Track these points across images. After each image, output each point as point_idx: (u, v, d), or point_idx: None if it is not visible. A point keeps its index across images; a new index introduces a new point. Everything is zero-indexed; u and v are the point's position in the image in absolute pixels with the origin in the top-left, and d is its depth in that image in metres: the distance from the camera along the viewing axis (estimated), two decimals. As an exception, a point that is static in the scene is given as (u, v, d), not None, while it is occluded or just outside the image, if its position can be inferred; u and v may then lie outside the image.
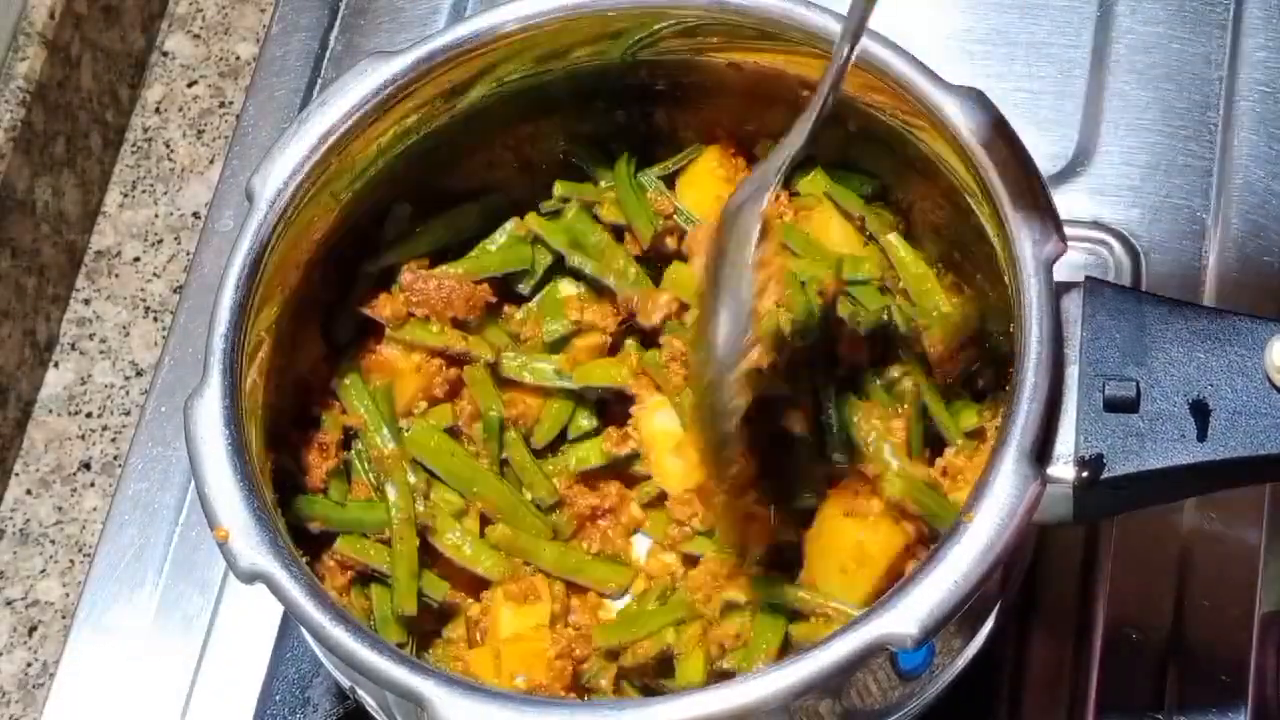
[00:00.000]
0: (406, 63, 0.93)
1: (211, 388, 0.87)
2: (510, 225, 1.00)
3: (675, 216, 0.99)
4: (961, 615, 0.81)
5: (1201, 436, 0.84)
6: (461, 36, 0.94)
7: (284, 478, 0.94)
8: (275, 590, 0.84)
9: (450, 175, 1.00)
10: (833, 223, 0.98)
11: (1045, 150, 1.14)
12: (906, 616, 0.79)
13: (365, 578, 0.94)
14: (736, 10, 0.92)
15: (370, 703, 0.91)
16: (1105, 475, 0.84)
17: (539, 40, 0.94)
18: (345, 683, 0.92)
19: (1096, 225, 1.14)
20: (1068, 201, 1.11)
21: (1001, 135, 0.88)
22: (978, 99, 0.89)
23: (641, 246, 0.99)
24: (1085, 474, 0.84)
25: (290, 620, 1.04)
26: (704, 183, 0.99)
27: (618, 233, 0.99)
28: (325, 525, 0.94)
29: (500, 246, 1.00)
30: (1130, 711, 1.01)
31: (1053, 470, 0.84)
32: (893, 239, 0.97)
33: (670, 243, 0.99)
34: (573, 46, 0.96)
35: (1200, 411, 0.84)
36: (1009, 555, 0.82)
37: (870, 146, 0.97)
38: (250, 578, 0.84)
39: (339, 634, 0.83)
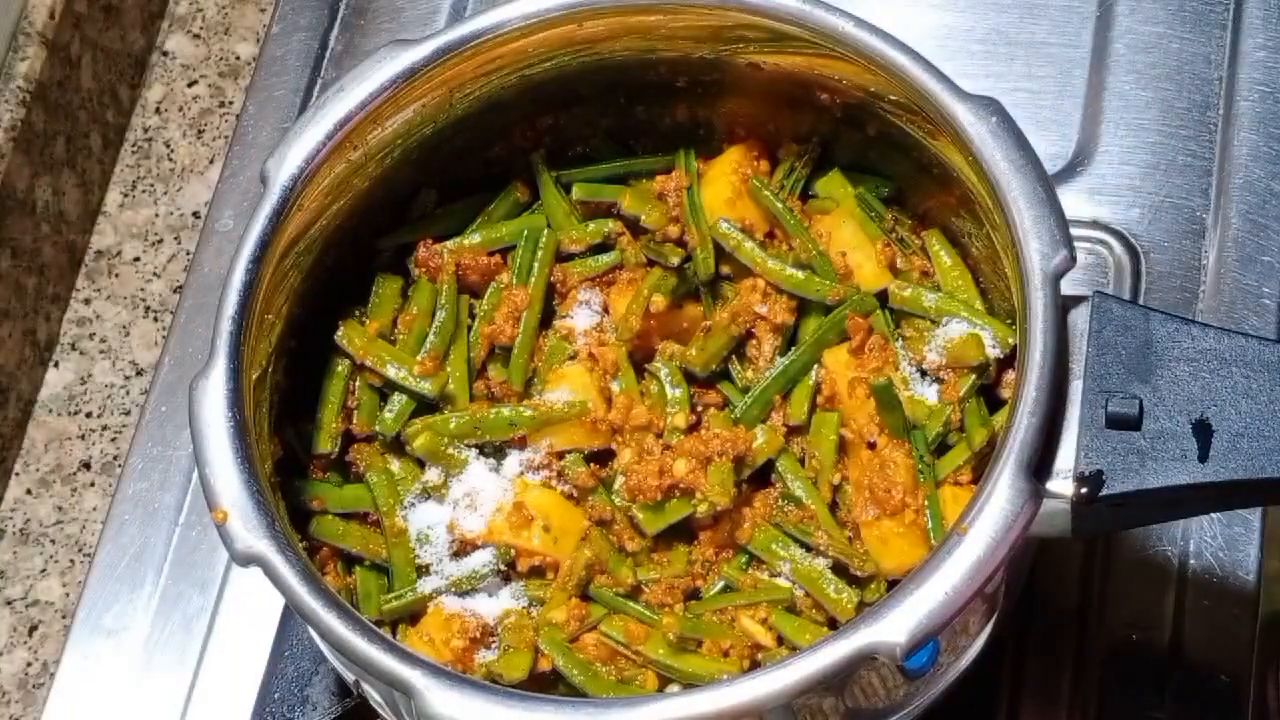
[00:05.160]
0: (426, 52, 0.94)
1: (217, 369, 0.88)
2: (513, 193, 1.02)
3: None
4: (963, 619, 0.81)
5: (1203, 457, 0.83)
6: (481, 28, 0.94)
7: (289, 458, 0.95)
8: (270, 574, 0.84)
9: (469, 165, 1.01)
10: (845, 227, 0.98)
11: (1045, 150, 1.13)
12: (896, 626, 0.79)
13: (349, 558, 0.95)
14: (753, 10, 0.92)
15: (375, 697, 0.91)
16: (1104, 493, 0.83)
17: (557, 33, 0.95)
18: (349, 676, 0.92)
19: (1096, 225, 1.14)
20: (1068, 201, 1.10)
21: (1016, 146, 0.88)
22: (994, 109, 0.89)
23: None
24: (1084, 490, 0.83)
25: (290, 619, 1.04)
26: (720, 182, 0.99)
27: (634, 227, 1.00)
28: (324, 505, 0.95)
29: (507, 217, 1.01)
30: (1130, 711, 1.01)
31: (1051, 485, 0.84)
32: (934, 240, 0.97)
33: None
34: (593, 41, 0.96)
35: (1203, 431, 0.84)
36: (1003, 568, 0.82)
37: (888, 151, 0.97)
38: (246, 560, 0.84)
39: (331, 620, 0.83)
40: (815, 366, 0.95)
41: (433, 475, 0.94)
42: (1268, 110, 1.15)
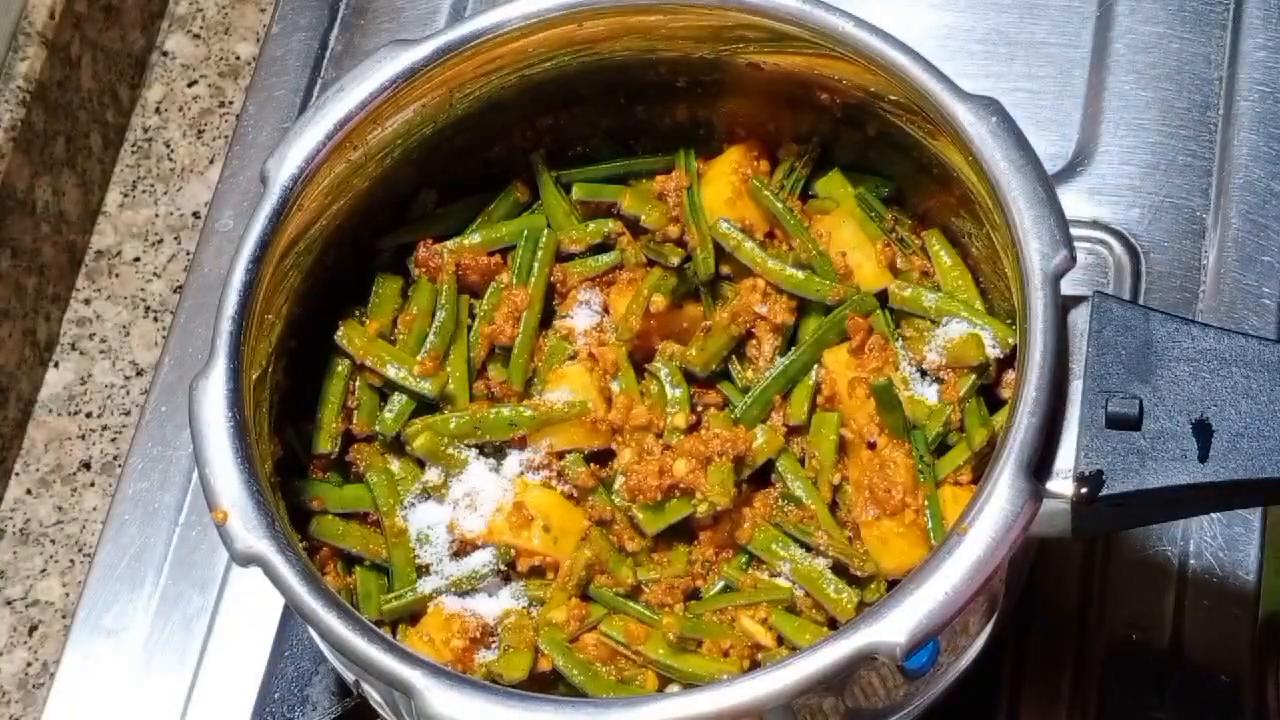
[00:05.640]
0: (426, 52, 0.94)
1: (217, 369, 0.88)
2: (513, 193, 1.02)
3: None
4: (963, 619, 0.81)
5: (1203, 457, 0.83)
6: (481, 28, 0.94)
7: (289, 458, 0.95)
8: (270, 574, 0.84)
9: (469, 165, 1.01)
10: (846, 227, 0.98)
11: (1045, 150, 1.13)
12: (896, 626, 0.79)
13: (350, 558, 0.95)
14: (753, 10, 0.92)
15: (375, 697, 0.91)
16: (1104, 493, 0.83)
17: (557, 33, 0.95)
18: (349, 676, 0.92)
19: (1096, 225, 1.14)
20: (1068, 201, 1.10)
21: (1016, 146, 0.88)
22: (994, 109, 0.89)
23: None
24: (1084, 490, 0.83)
25: (290, 619, 1.04)
26: (720, 182, 0.99)
27: (634, 227, 1.00)
28: (324, 505, 0.95)
29: (507, 217, 1.01)
30: (1130, 711, 1.01)
31: (1051, 485, 0.84)
32: (934, 240, 0.97)
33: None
34: (593, 41, 0.96)
35: (1203, 431, 0.83)
36: (1003, 568, 0.82)
37: (888, 151, 0.97)
38: (246, 560, 0.84)
39: (331, 620, 0.83)
40: (815, 366, 0.95)
41: (433, 475, 0.94)
42: (1268, 110, 1.15)
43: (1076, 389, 0.85)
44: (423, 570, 0.93)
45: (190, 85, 1.28)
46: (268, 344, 0.92)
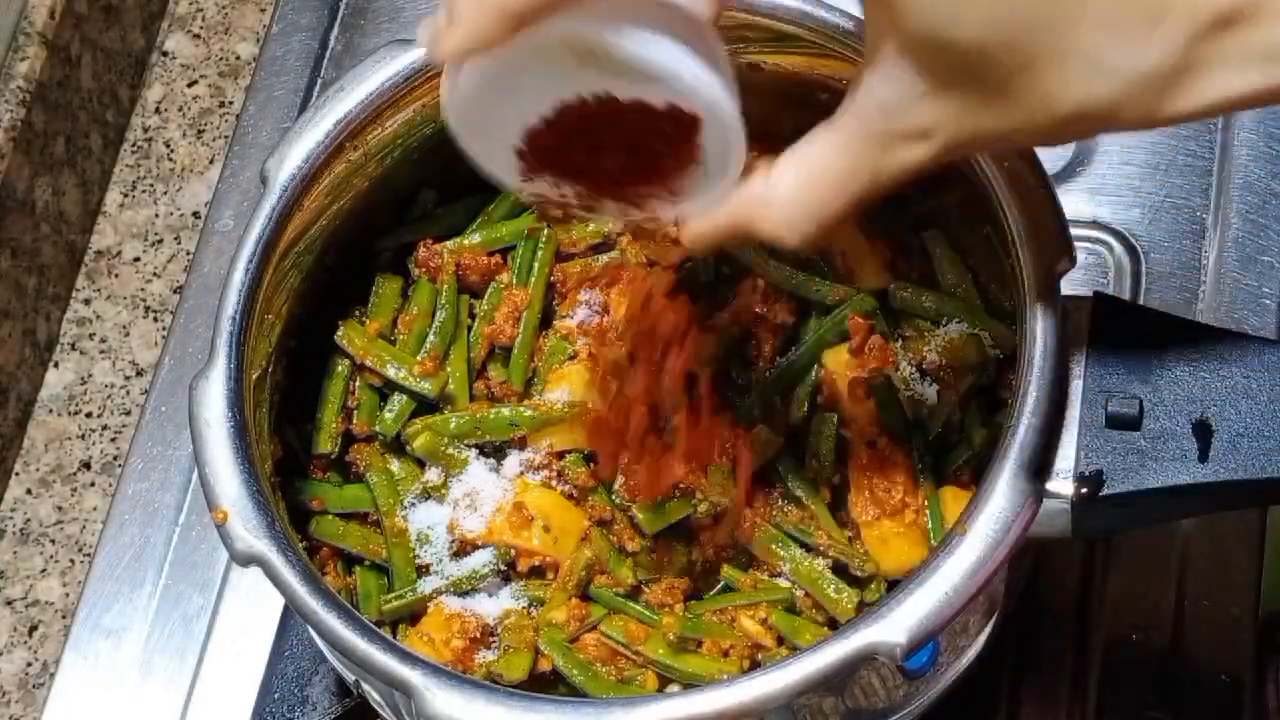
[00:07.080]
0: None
1: (217, 369, 0.88)
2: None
3: None
4: (963, 619, 0.81)
5: (1203, 457, 0.83)
6: None
7: (289, 458, 0.95)
8: (270, 574, 0.84)
9: (469, 165, 1.00)
10: (845, 227, 0.98)
11: (1045, 150, 1.13)
12: (896, 626, 0.79)
13: (350, 558, 0.95)
14: (754, 10, 0.92)
15: (375, 697, 0.91)
16: (1104, 493, 0.83)
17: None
18: (349, 676, 0.92)
19: (1096, 225, 1.14)
20: (1068, 201, 1.10)
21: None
22: None
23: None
24: (1084, 490, 0.83)
25: (290, 619, 1.04)
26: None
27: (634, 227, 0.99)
28: (324, 505, 0.95)
29: (507, 217, 1.01)
30: (1130, 711, 1.01)
31: (1051, 485, 0.84)
32: (934, 240, 0.97)
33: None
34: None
35: (1203, 432, 0.83)
36: (1003, 569, 0.82)
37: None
38: (246, 560, 0.84)
39: (331, 620, 0.83)
40: (815, 366, 0.95)
41: (433, 475, 0.94)
42: (1268, 110, 1.15)
43: (1076, 389, 0.85)
44: (423, 570, 0.93)
45: (190, 85, 1.28)
46: (268, 344, 0.92)
